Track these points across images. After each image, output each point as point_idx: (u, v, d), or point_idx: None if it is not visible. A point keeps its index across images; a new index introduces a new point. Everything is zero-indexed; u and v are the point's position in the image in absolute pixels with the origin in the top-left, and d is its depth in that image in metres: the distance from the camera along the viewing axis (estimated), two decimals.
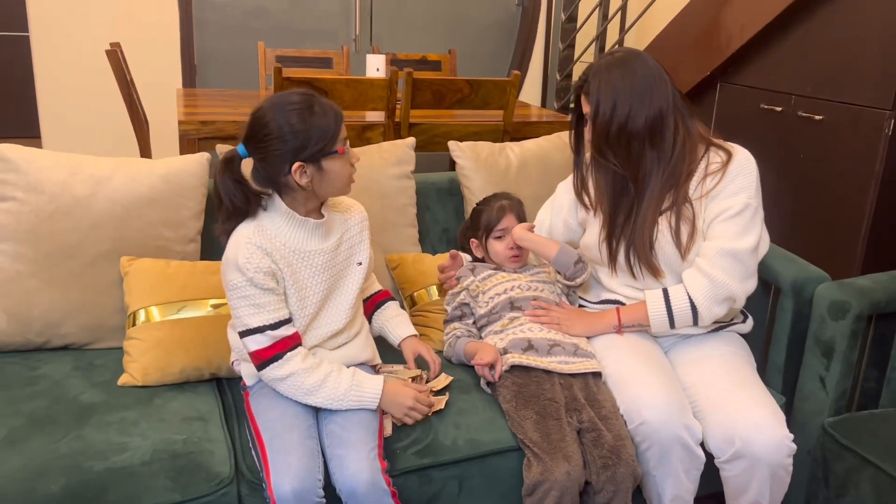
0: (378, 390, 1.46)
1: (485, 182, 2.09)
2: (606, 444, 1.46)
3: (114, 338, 1.73)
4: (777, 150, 2.58)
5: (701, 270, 1.61)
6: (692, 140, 1.63)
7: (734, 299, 1.62)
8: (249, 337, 1.41)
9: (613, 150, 1.60)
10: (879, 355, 1.77)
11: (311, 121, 1.37)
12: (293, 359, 1.42)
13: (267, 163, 1.40)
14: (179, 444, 1.40)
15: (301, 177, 1.39)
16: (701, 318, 1.63)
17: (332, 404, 1.43)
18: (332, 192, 1.47)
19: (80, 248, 1.70)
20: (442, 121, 2.90)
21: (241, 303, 1.41)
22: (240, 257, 1.39)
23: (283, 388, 1.43)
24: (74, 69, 3.96)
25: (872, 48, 2.21)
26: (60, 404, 1.49)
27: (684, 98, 1.65)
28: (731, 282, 1.59)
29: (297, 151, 1.37)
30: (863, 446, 1.58)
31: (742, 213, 1.60)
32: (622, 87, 1.57)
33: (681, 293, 1.62)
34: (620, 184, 1.66)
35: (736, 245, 1.59)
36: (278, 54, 3.70)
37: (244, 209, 1.43)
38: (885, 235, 2.27)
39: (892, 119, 2.16)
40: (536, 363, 1.58)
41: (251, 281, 1.39)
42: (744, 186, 1.61)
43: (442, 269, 1.83)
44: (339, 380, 1.44)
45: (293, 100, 1.38)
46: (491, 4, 4.78)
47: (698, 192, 1.63)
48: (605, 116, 1.58)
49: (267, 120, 1.37)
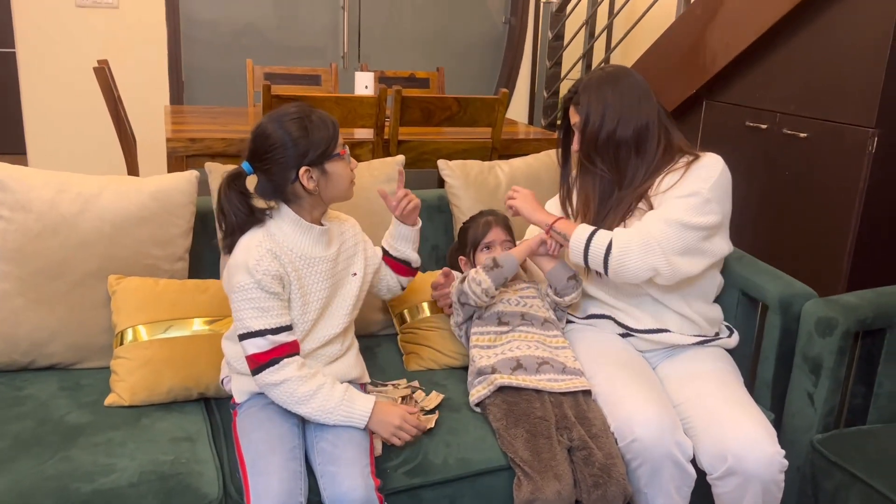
0: (368, 410, 1.45)
1: (474, 201, 2.10)
2: (597, 462, 1.46)
3: (100, 357, 1.72)
4: (762, 167, 2.60)
5: (636, 226, 1.64)
6: (672, 150, 1.71)
7: (656, 268, 1.60)
8: (249, 340, 1.42)
9: (602, 156, 1.69)
10: (866, 372, 1.78)
11: (311, 128, 1.44)
12: (289, 365, 1.42)
13: (272, 174, 1.44)
14: (167, 465, 1.38)
15: (308, 181, 1.44)
16: (612, 261, 1.61)
17: (320, 416, 1.43)
18: (337, 194, 1.51)
19: (68, 267, 1.68)
20: (430, 138, 2.91)
21: (246, 305, 1.42)
22: (250, 259, 1.42)
23: (275, 393, 1.43)
24: (61, 86, 3.95)
25: (855, 67, 2.24)
26: (47, 425, 1.48)
27: (667, 113, 1.74)
28: (660, 246, 1.59)
29: (301, 157, 1.43)
30: (851, 463, 1.58)
31: (690, 196, 1.62)
32: (612, 99, 1.66)
33: (607, 233, 1.65)
34: (608, 188, 1.72)
35: (677, 216, 1.60)
36: (267, 71, 3.71)
37: (249, 223, 1.47)
38: (870, 251, 2.29)
39: (875, 137, 2.19)
40: (525, 383, 1.58)
41: (259, 283, 1.41)
42: (701, 178, 1.64)
43: (435, 286, 1.84)
44: (332, 393, 1.44)
45: (291, 111, 1.45)
46: (478, 22, 4.82)
47: (656, 190, 1.68)
48: (594, 125, 1.67)
49: (269, 133, 1.43)
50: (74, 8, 3.88)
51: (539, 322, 1.74)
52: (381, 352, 1.88)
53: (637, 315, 1.75)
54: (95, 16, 3.93)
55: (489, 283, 1.69)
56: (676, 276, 1.62)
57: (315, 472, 1.41)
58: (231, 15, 4.29)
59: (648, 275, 1.61)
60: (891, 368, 1.74)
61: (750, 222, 2.65)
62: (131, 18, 3.99)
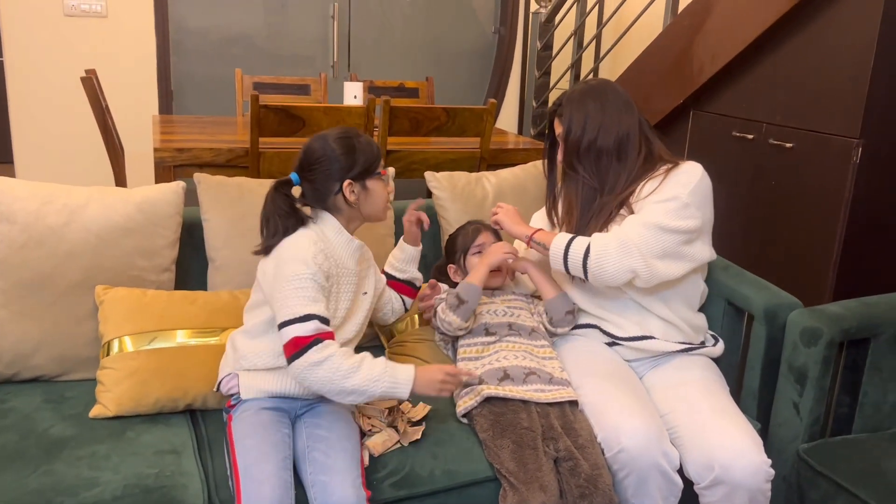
0: (411, 376, 1.46)
1: (461, 213, 2.10)
2: (583, 473, 1.46)
3: (85, 369, 1.71)
4: (749, 177, 2.62)
5: (613, 230, 1.67)
6: (653, 158, 1.76)
7: (634, 270, 1.62)
8: (295, 325, 1.41)
9: (584, 164, 1.74)
10: (851, 381, 1.79)
11: (359, 148, 1.55)
12: (331, 344, 1.43)
13: (316, 184, 1.55)
14: (152, 479, 1.38)
15: (351, 194, 1.54)
16: (590, 264, 1.64)
17: (368, 386, 1.41)
18: (374, 211, 1.60)
19: (53, 278, 1.68)
20: (419, 148, 2.92)
21: (298, 293, 1.44)
22: (308, 252, 1.47)
23: (319, 374, 1.40)
24: (49, 95, 3.93)
25: (840, 78, 2.26)
26: (30, 438, 1.47)
27: (649, 124, 1.80)
28: (638, 248, 1.62)
29: (346, 171, 1.53)
30: (837, 473, 1.59)
31: (668, 200, 1.65)
32: (594, 110, 1.72)
33: (584, 239, 1.68)
34: (590, 195, 1.75)
35: (655, 219, 1.63)
36: (256, 81, 3.71)
37: (292, 224, 1.53)
38: (855, 261, 2.31)
39: (860, 147, 2.21)
40: (512, 394, 1.58)
41: (313, 275, 1.46)
42: (680, 183, 1.67)
43: (421, 297, 1.84)
44: (374, 363, 1.45)
45: (341, 131, 1.57)
46: (468, 33, 4.84)
47: (637, 197, 1.71)
48: (576, 134, 1.73)
49: (316, 147, 1.55)
50: (63, 17, 3.87)
51: (526, 332, 1.74)
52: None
53: (621, 323, 1.76)
54: (84, 25, 3.92)
55: (458, 321, 1.70)
56: (655, 278, 1.64)
57: (304, 483, 1.41)
58: (221, 24, 4.29)
59: (627, 276, 1.63)
60: (875, 378, 1.75)
61: (736, 232, 2.67)
62: (120, 28, 3.99)
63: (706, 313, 1.87)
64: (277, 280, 1.47)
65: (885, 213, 2.30)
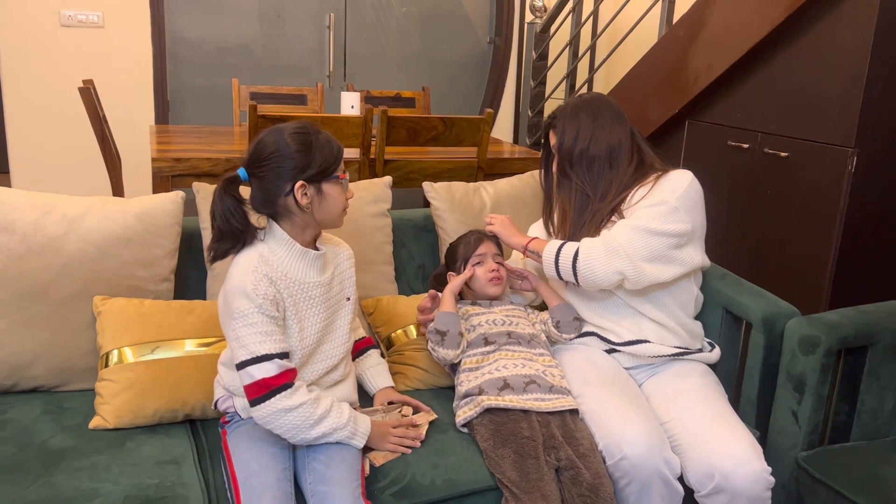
0: (368, 429, 1.49)
1: (459, 223, 2.11)
2: (585, 482, 1.46)
3: (84, 380, 1.70)
4: (744, 186, 2.63)
5: (603, 234, 1.71)
6: (644, 166, 1.81)
7: (622, 272, 1.66)
8: (256, 365, 1.37)
9: (576, 171, 1.79)
10: (849, 389, 1.80)
11: (316, 144, 1.43)
12: (301, 389, 1.41)
13: (266, 181, 1.41)
14: (152, 489, 1.37)
15: (302, 196, 1.41)
16: (580, 267, 1.68)
17: (330, 434, 1.42)
18: (329, 218, 1.48)
19: (52, 289, 1.67)
20: (416, 157, 2.93)
21: (249, 330, 1.38)
22: (248, 284, 1.39)
23: (287, 419, 1.38)
24: (46, 105, 3.93)
25: (834, 87, 2.28)
26: (29, 450, 1.46)
27: (641, 135, 1.86)
28: (625, 251, 1.65)
29: (299, 170, 1.41)
30: (836, 480, 1.59)
31: (658, 205, 1.69)
32: (586, 120, 1.78)
33: (574, 244, 1.72)
34: (583, 202, 1.79)
35: (644, 223, 1.67)
36: (252, 91, 3.72)
37: (239, 231, 1.43)
38: (851, 269, 2.32)
39: (855, 156, 2.22)
40: (513, 404, 1.58)
41: (259, 308, 1.38)
42: (669, 189, 1.71)
43: (422, 309, 1.84)
44: (342, 410, 1.46)
45: (296, 126, 1.44)
46: (463, 43, 4.87)
47: (628, 204, 1.75)
48: (569, 143, 1.79)
49: (269, 142, 1.42)
50: (59, 27, 3.88)
51: (525, 340, 1.75)
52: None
53: (617, 329, 1.78)
54: (80, 35, 3.92)
55: (450, 353, 1.71)
56: (643, 280, 1.67)
57: (304, 493, 1.41)
58: (217, 34, 4.30)
59: (615, 278, 1.67)
60: (872, 386, 1.76)
61: (732, 241, 2.68)
62: (117, 38, 3.99)
63: (704, 321, 1.88)
64: (226, 315, 1.42)
65: (880, 221, 2.32)
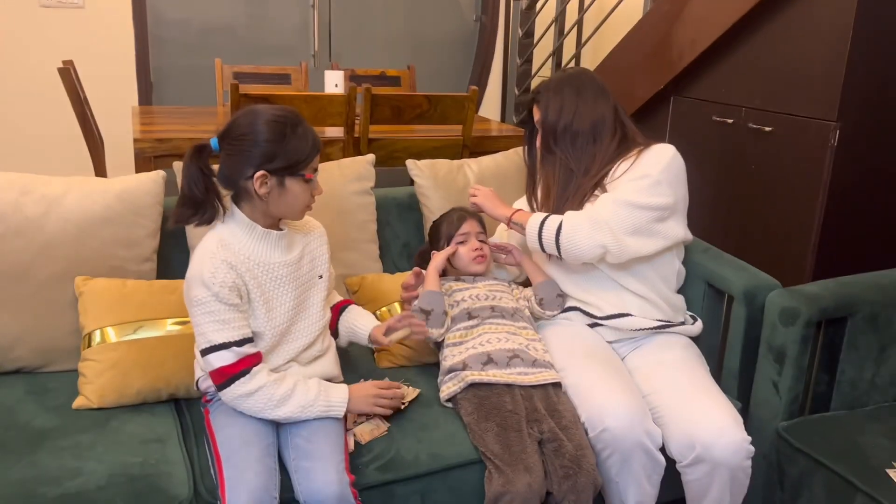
0: (345, 397, 1.48)
1: (443, 200, 2.11)
2: (567, 453, 1.47)
3: (67, 360, 1.70)
4: (729, 161, 2.64)
5: (586, 208, 1.72)
6: (627, 141, 1.80)
7: (604, 245, 1.66)
8: (214, 354, 1.40)
9: (560, 146, 1.79)
10: (829, 360, 1.81)
11: (290, 137, 1.39)
12: (260, 373, 1.42)
13: (231, 160, 1.40)
14: (136, 467, 1.38)
15: (261, 186, 1.39)
16: (563, 240, 1.68)
17: (301, 413, 1.43)
18: (285, 212, 1.47)
19: (32, 270, 1.66)
20: (401, 136, 2.92)
21: (206, 318, 1.40)
22: (205, 272, 1.39)
23: (250, 403, 1.41)
24: (26, 87, 3.88)
25: (816, 62, 2.28)
26: (12, 430, 1.46)
27: (624, 110, 1.85)
28: (608, 224, 1.66)
29: (265, 159, 1.38)
30: (815, 449, 1.61)
31: (640, 179, 1.69)
32: (570, 95, 1.78)
33: (558, 217, 1.72)
34: (567, 176, 1.79)
35: (626, 196, 1.68)
36: (236, 71, 3.68)
37: (202, 201, 1.41)
38: (833, 243, 2.33)
39: (837, 130, 2.23)
40: (497, 378, 1.59)
41: (216, 296, 1.39)
42: (651, 163, 1.71)
43: (406, 286, 1.84)
44: (307, 388, 1.45)
45: (278, 113, 1.40)
46: (449, 21, 4.83)
47: (611, 178, 1.76)
48: (553, 118, 1.79)
49: (243, 123, 1.40)
50: (38, 8, 3.82)
51: (509, 313, 1.75)
52: (351, 349, 1.88)
53: (599, 303, 1.79)
54: (60, 16, 3.87)
55: (435, 332, 1.71)
56: (625, 254, 1.68)
57: (289, 469, 1.41)
58: (200, 14, 4.24)
59: (598, 251, 1.67)
60: (852, 356, 1.78)
61: (716, 215, 2.69)
62: (97, 18, 3.94)
63: (686, 295, 1.89)
64: (188, 302, 1.43)
65: (862, 194, 2.33)
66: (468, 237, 1.85)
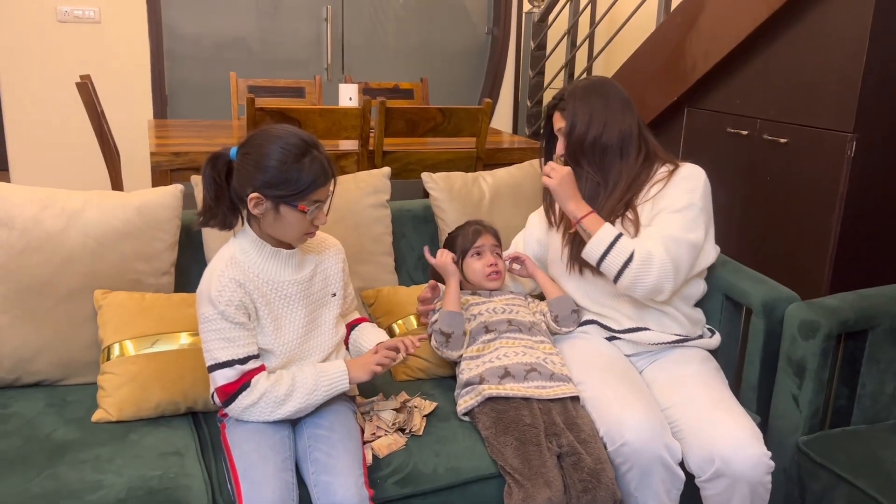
0: (343, 368, 1.49)
1: (459, 213, 2.11)
2: (586, 467, 1.46)
3: (87, 373, 1.71)
4: (744, 172, 2.63)
5: (655, 241, 1.65)
6: (651, 157, 1.78)
7: (664, 290, 1.65)
8: (218, 371, 1.42)
9: (588, 158, 1.74)
10: (849, 373, 1.80)
11: (292, 166, 1.37)
12: (259, 382, 1.43)
13: (238, 175, 1.42)
14: (155, 480, 1.38)
15: (255, 207, 1.40)
16: (629, 272, 1.63)
17: (308, 401, 1.44)
18: (281, 236, 1.47)
19: (52, 283, 1.68)
20: (415, 148, 2.93)
21: (212, 336, 1.42)
22: (212, 290, 1.41)
23: (256, 411, 1.43)
24: (44, 101, 3.93)
25: (832, 72, 2.27)
26: (33, 443, 1.46)
27: (644, 123, 1.82)
28: (679, 268, 1.65)
29: (263, 182, 1.38)
30: (837, 464, 1.60)
31: (686, 209, 1.68)
32: (598, 105, 1.73)
33: (629, 242, 1.65)
34: (593, 192, 1.75)
35: (680, 234, 1.66)
36: (250, 84, 3.71)
37: (213, 208, 1.43)
38: (851, 254, 2.32)
39: (854, 141, 2.22)
40: (514, 392, 1.59)
41: (223, 314, 1.41)
42: (689, 189, 1.70)
43: (422, 299, 1.84)
44: (305, 376, 1.46)
45: (290, 140, 1.39)
46: (461, 33, 4.85)
47: (642, 199, 1.73)
48: (581, 129, 1.73)
49: (257, 141, 1.40)
50: (56, 23, 3.87)
51: (526, 327, 1.75)
52: None
53: (617, 317, 1.78)
54: (77, 31, 3.92)
55: (454, 353, 1.72)
56: (671, 292, 1.67)
57: (307, 483, 1.41)
58: (214, 28, 4.29)
59: (653, 294, 1.66)
60: (873, 370, 1.76)
61: (733, 227, 2.68)
62: (114, 33, 3.98)
63: (704, 308, 1.88)
64: (198, 317, 1.45)
65: (879, 205, 2.32)
66: (483, 251, 1.84)
